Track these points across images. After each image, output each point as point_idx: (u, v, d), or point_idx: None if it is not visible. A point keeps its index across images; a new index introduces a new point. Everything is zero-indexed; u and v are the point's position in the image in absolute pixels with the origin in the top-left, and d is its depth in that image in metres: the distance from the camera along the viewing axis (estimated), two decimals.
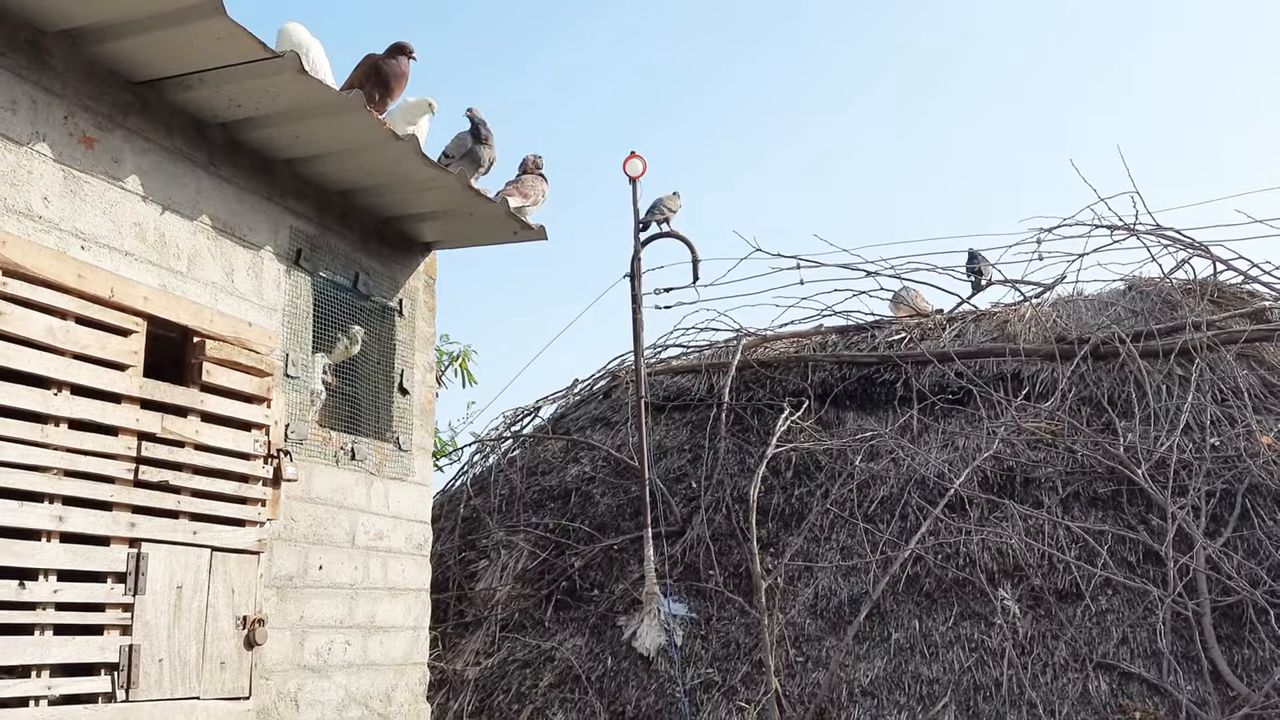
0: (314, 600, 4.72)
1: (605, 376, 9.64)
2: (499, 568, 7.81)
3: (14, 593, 3.33)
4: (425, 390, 5.68)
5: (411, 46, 4.70)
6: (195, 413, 4.08)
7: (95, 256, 3.79)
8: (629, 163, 7.63)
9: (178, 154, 4.20)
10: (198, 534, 4.04)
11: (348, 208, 5.15)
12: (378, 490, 5.21)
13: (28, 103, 3.61)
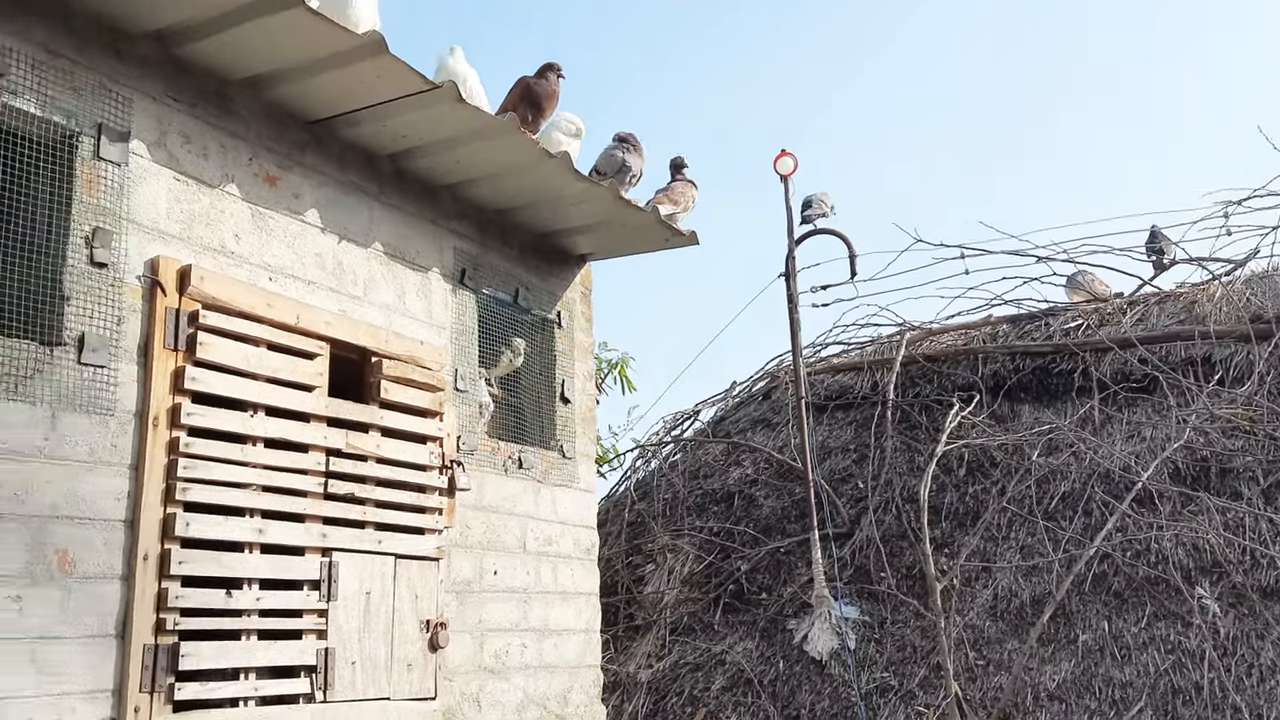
0: (490, 604, 4.91)
1: (764, 378, 9.62)
2: (665, 571, 7.89)
3: (222, 601, 3.61)
4: (586, 399, 5.82)
5: (559, 66, 4.84)
6: (376, 428, 4.31)
7: (282, 286, 4.06)
8: (779, 160, 7.59)
9: (351, 186, 4.46)
10: (382, 542, 4.27)
11: (506, 226, 5.33)
12: (545, 497, 5.37)
13: (217, 148, 3.92)
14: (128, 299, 3.52)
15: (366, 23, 4.09)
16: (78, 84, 3.46)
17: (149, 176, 3.65)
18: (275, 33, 3.66)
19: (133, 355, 3.51)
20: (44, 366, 3.25)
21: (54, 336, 3.31)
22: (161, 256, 3.62)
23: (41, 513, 3.17)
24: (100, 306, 3.43)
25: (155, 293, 3.58)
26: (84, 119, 3.46)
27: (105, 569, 3.31)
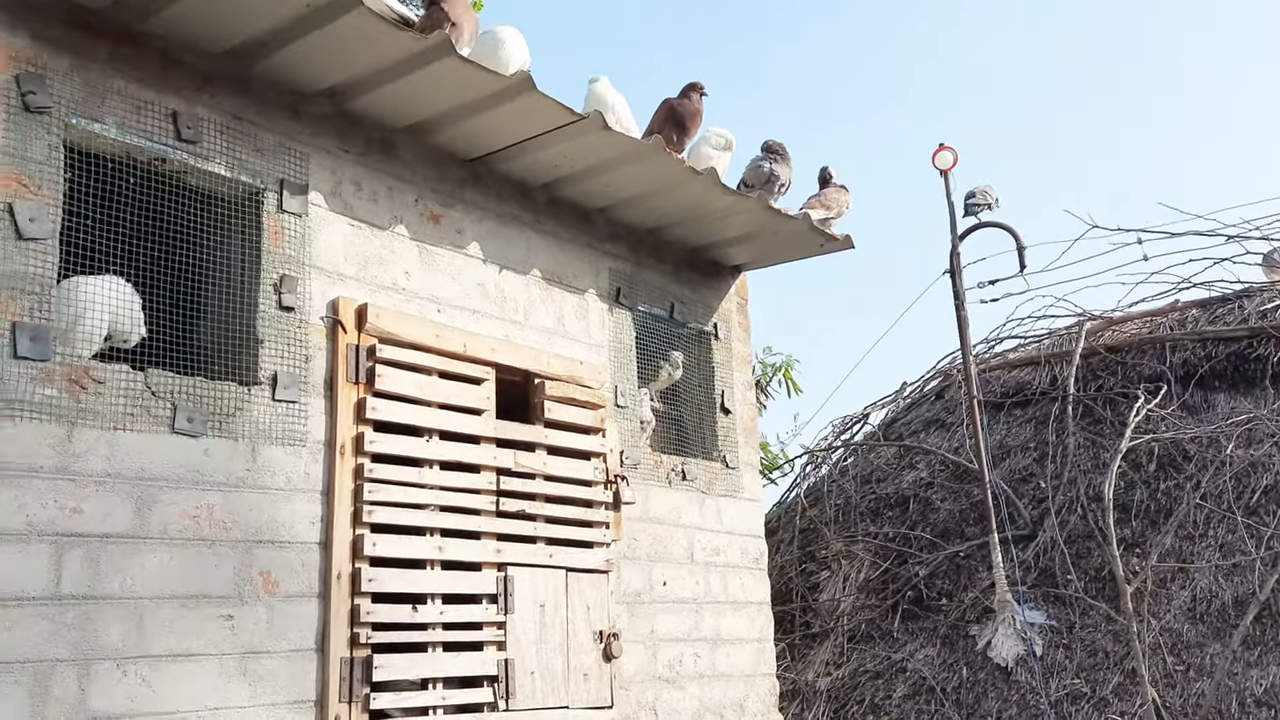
0: (661, 615, 5.02)
1: (936, 376, 9.38)
2: (841, 578, 7.82)
3: (408, 615, 3.86)
4: (746, 408, 5.86)
5: (703, 84, 4.92)
6: (541, 447, 4.50)
7: (448, 317, 4.31)
8: (938, 155, 7.42)
9: (509, 217, 4.68)
10: (553, 556, 4.45)
11: (658, 243, 5.46)
12: (710, 508, 5.44)
13: (385, 192, 4.20)
14: (313, 338, 3.82)
15: (517, 61, 4.29)
16: (261, 145, 3.79)
17: (327, 224, 3.95)
18: (432, 82, 3.90)
19: (320, 390, 3.81)
20: (244, 404, 3.58)
21: (251, 376, 3.64)
22: (341, 297, 3.92)
23: (247, 538, 3.49)
24: (289, 347, 3.74)
25: (337, 331, 3.88)
26: (268, 176, 3.79)
27: (304, 588, 3.61)
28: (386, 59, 3.77)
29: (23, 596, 2.93)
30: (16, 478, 2.99)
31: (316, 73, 3.82)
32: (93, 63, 3.37)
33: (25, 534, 2.98)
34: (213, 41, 3.59)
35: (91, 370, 3.21)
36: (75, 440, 3.13)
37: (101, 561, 3.12)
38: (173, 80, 3.56)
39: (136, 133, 3.45)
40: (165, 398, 3.36)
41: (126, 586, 3.16)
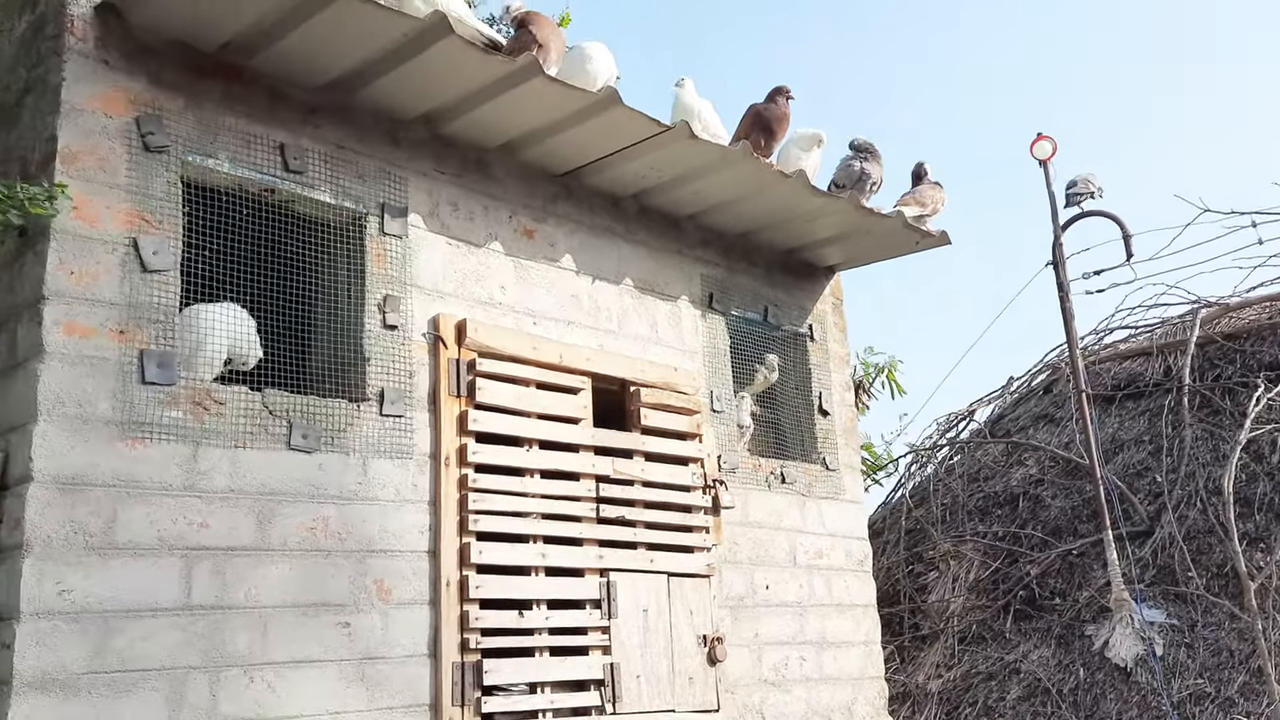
0: (765, 618, 5.03)
1: (1043, 370, 9.14)
2: (949, 579, 7.68)
3: (515, 621, 3.97)
4: (845, 410, 5.82)
5: (789, 88, 4.93)
6: (639, 454, 4.57)
7: (544, 329, 4.41)
8: (1036, 145, 7.23)
9: (599, 229, 4.77)
10: (654, 561, 4.51)
11: (749, 247, 5.47)
12: (811, 511, 5.43)
13: (480, 210, 4.33)
14: (416, 354, 3.97)
15: (603, 75, 4.38)
16: (362, 171, 3.96)
17: (426, 244, 4.10)
18: (523, 102, 4.01)
19: (424, 404, 3.95)
20: (354, 420, 3.74)
21: (359, 393, 3.80)
22: (441, 314, 4.05)
23: (360, 548, 3.64)
24: (394, 363, 3.89)
25: (438, 347, 4.01)
26: (369, 201, 3.95)
27: (415, 595, 3.75)
28: (478, 83, 3.89)
29: (157, 608, 3.13)
30: (148, 495, 3.19)
31: (412, 99, 3.97)
32: (205, 102, 3.57)
33: (157, 549, 3.17)
34: (314, 75, 3.77)
35: (213, 392, 3.41)
36: (200, 459, 3.32)
37: (228, 573, 3.30)
38: (279, 114, 3.75)
39: (247, 165, 3.64)
40: (281, 416, 3.54)
41: (251, 596, 3.33)
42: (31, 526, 2.96)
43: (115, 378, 3.19)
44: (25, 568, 2.92)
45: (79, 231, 3.21)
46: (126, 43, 3.42)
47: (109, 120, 3.34)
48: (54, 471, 3.02)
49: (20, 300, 3.22)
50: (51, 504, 3.00)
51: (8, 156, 3.51)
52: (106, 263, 3.25)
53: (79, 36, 3.34)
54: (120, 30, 3.42)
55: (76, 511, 3.04)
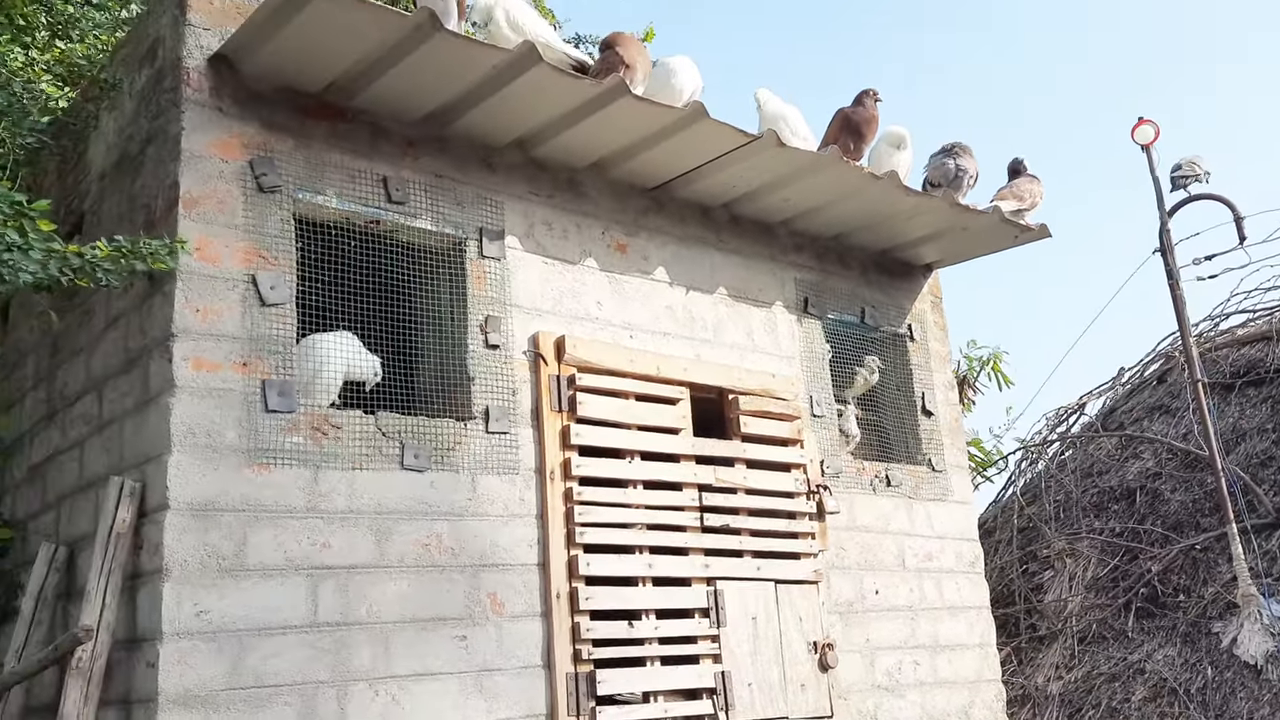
0: (876, 623, 4.99)
1: (1155, 360, 8.83)
2: (1066, 577, 7.48)
3: (625, 631, 4.04)
4: (949, 409, 5.74)
5: (876, 90, 4.90)
6: (740, 461, 4.60)
7: (640, 342, 4.48)
8: (1138, 129, 7.00)
9: (691, 239, 4.82)
10: (761, 569, 4.53)
11: (843, 249, 5.45)
12: (919, 513, 5.37)
13: (574, 228, 4.43)
14: (518, 372, 4.08)
15: (689, 88, 4.44)
16: (460, 198, 4.09)
17: (523, 265, 4.21)
18: (611, 121, 4.09)
19: (527, 420, 4.05)
20: (461, 438, 3.86)
21: (466, 412, 3.92)
22: (540, 331, 4.16)
23: (473, 563, 3.76)
24: (498, 381, 4.01)
25: (539, 364, 4.12)
26: (468, 226, 4.08)
27: (527, 608, 3.85)
28: (568, 106, 3.99)
29: (286, 626, 3.29)
30: (274, 518, 3.36)
31: (505, 126, 4.09)
32: (312, 141, 3.75)
33: (285, 569, 3.34)
34: (412, 109, 3.92)
35: (330, 418, 3.57)
36: (320, 481, 3.49)
37: (350, 590, 3.45)
38: (381, 148, 3.91)
39: (353, 199, 3.80)
40: (394, 437, 3.68)
41: (373, 612, 3.48)
42: (169, 551, 3.15)
43: (240, 408, 3.38)
44: (165, 591, 3.11)
45: (202, 271, 3.40)
46: (238, 90, 3.62)
47: (225, 164, 3.54)
48: (188, 499, 3.21)
49: (151, 339, 3.43)
50: (187, 530, 3.19)
51: (134, 204, 3.74)
52: (228, 299, 3.44)
53: (195, 87, 3.54)
54: (232, 79, 3.61)
55: (210, 536, 3.22)
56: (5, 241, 3.01)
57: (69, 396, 4.03)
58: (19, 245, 3.04)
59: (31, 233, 3.11)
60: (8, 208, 3.07)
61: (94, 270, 3.15)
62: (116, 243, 3.20)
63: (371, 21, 3.46)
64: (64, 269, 3.12)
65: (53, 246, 3.13)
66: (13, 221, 3.08)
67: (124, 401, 3.57)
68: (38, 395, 4.38)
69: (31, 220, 3.14)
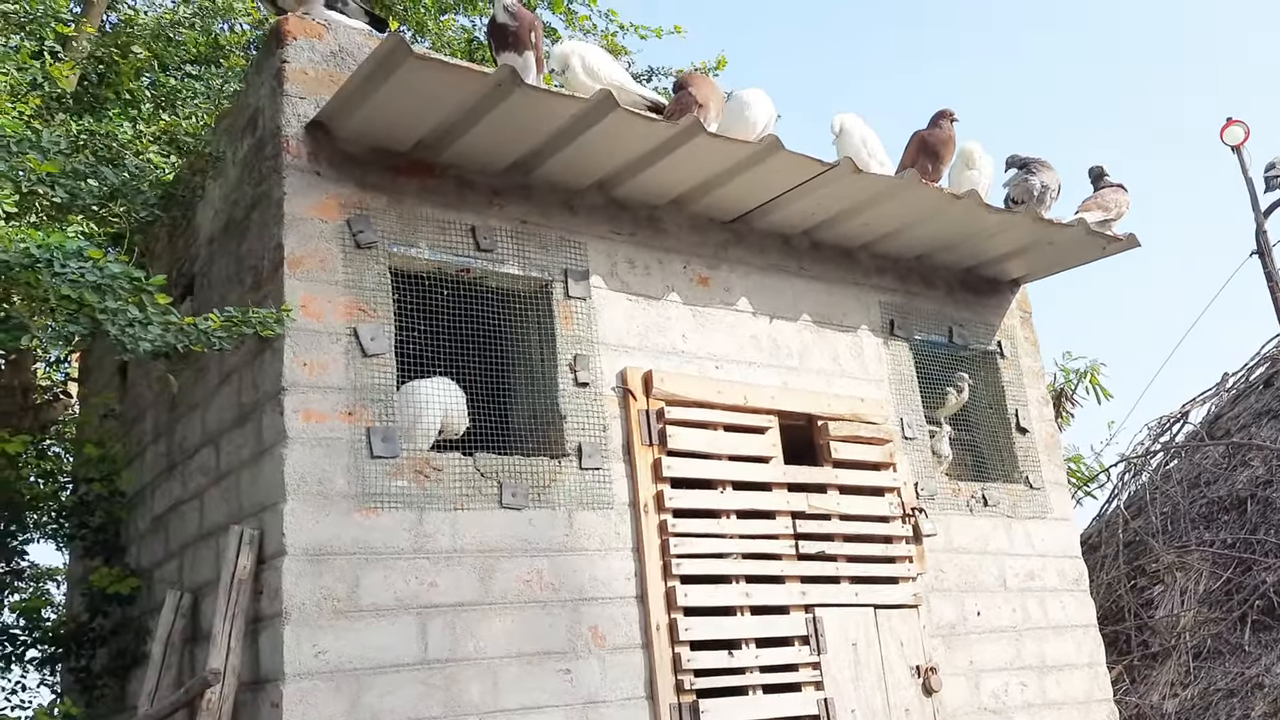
0: (979, 645, 4.93)
1: (1261, 363, 8.53)
2: (1177, 592, 7.25)
3: (725, 660, 4.07)
4: (1044, 425, 5.66)
5: (952, 111, 4.90)
6: (832, 487, 4.61)
7: (726, 372, 4.54)
8: (1227, 130, 6.85)
9: (772, 268, 4.87)
10: (859, 594, 4.52)
11: (927, 269, 5.44)
12: (1017, 532, 5.29)
13: (655, 264, 4.52)
14: (608, 408, 4.17)
15: (762, 120, 4.51)
16: (545, 241, 4.22)
17: (608, 303, 4.31)
18: (688, 159, 4.19)
19: (619, 455, 4.14)
20: (556, 476, 3.97)
21: (559, 449, 4.03)
22: (628, 367, 4.25)
23: (573, 597, 3.85)
24: (589, 418, 4.11)
25: (628, 399, 4.21)
26: (553, 268, 4.21)
27: (628, 640, 3.92)
28: (644, 147, 4.10)
29: (399, 664, 3.42)
30: (383, 560, 3.50)
31: (585, 170, 4.21)
32: (404, 197, 3.92)
33: (395, 608, 3.47)
34: (497, 161, 4.07)
35: (432, 460, 3.71)
36: (425, 522, 3.62)
37: (458, 627, 3.57)
38: (468, 199, 4.07)
39: (444, 250, 3.96)
40: (492, 477, 3.80)
41: (479, 648, 3.59)
42: (288, 595, 3.31)
43: (348, 455, 3.54)
44: (286, 633, 3.27)
45: (308, 327, 3.59)
46: (334, 154, 3.82)
47: (324, 225, 3.73)
48: (303, 544, 3.38)
49: (263, 393, 3.62)
50: (303, 574, 3.35)
51: (241, 265, 3.96)
52: (333, 352, 3.61)
53: (294, 154, 3.75)
54: (328, 143, 3.81)
55: (324, 579, 3.38)
56: (127, 316, 3.23)
57: (188, 449, 4.26)
58: (139, 320, 3.26)
59: (150, 306, 3.33)
60: (128, 283, 3.29)
61: (208, 338, 3.35)
62: (228, 313, 3.40)
63: (456, 82, 3.62)
64: (180, 338, 3.33)
65: (170, 319, 3.35)
66: (133, 297, 3.30)
67: (240, 453, 3.76)
68: (158, 449, 4.63)
69: (150, 294, 3.36)
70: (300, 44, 3.90)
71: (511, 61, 3.76)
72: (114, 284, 3.30)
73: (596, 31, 8.42)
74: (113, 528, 4.79)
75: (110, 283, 3.29)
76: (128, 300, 3.28)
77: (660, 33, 8.72)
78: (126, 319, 3.26)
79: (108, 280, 3.29)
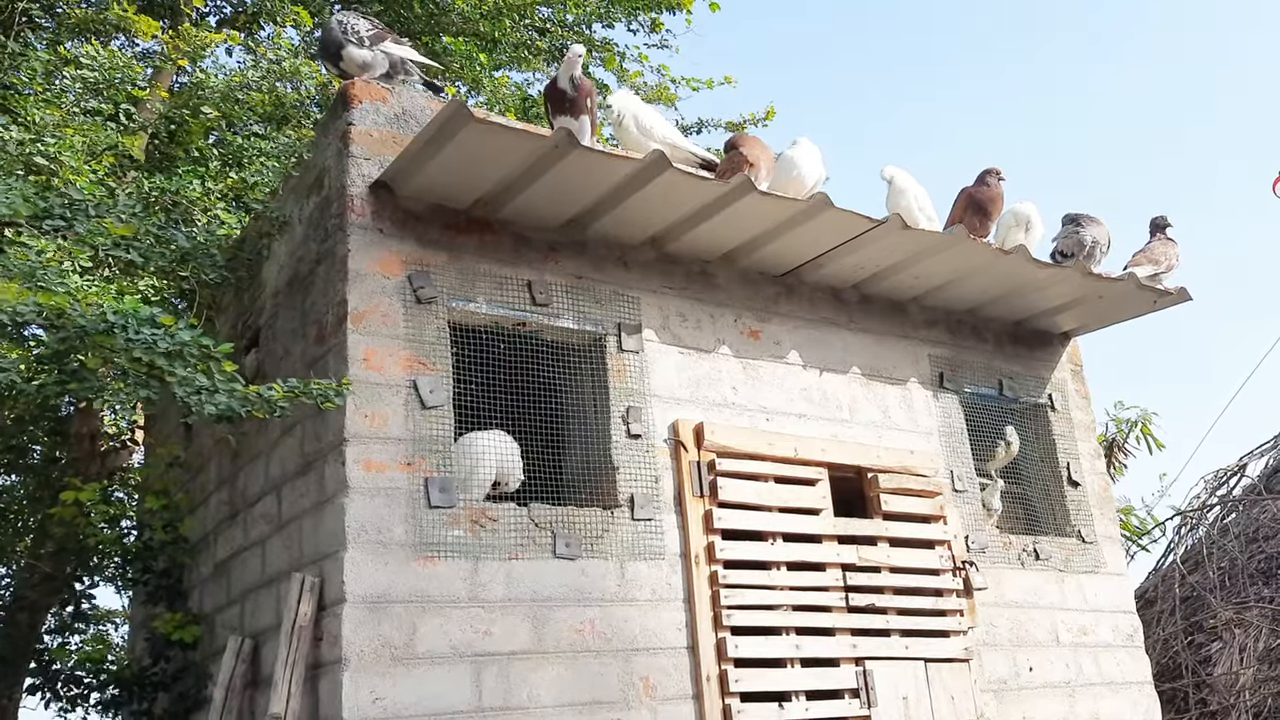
0: (1031, 700, 4.87)
1: None
2: (1236, 649, 7.09)
3: (776, 713, 4.08)
4: (1097, 478, 5.61)
5: (999, 169, 4.96)
6: (883, 540, 4.62)
7: (776, 425, 4.59)
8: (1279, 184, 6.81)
9: (822, 322, 4.93)
10: (909, 648, 4.51)
11: (976, 322, 5.46)
12: (1070, 586, 5.24)
13: (707, 318, 4.60)
14: (659, 459, 4.23)
15: (812, 176, 4.61)
16: (599, 296, 4.32)
17: (660, 356, 4.39)
18: (739, 216, 4.28)
19: (670, 506, 4.19)
20: (609, 526, 4.03)
21: (612, 500, 4.09)
22: (679, 419, 4.31)
23: (625, 647, 3.88)
24: (641, 470, 4.17)
25: (679, 451, 4.27)
26: (606, 323, 4.30)
27: (679, 690, 3.94)
28: (696, 205, 4.20)
29: (455, 711, 3.48)
30: (439, 608, 3.57)
31: (639, 227, 4.32)
32: (464, 253, 4.05)
33: (450, 656, 3.54)
34: (553, 218, 4.19)
35: (487, 510, 3.79)
36: (480, 571, 3.69)
37: (511, 676, 3.62)
38: (525, 255, 4.19)
39: (501, 304, 4.07)
40: (546, 527, 3.87)
41: (532, 697, 3.63)
42: (348, 643, 3.39)
43: (406, 504, 3.63)
44: (345, 679, 3.35)
45: (370, 379, 3.70)
46: (396, 212, 3.96)
47: (387, 280, 3.86)
48: (362, 592, 3.46)
49: (325, 444, 3.73)
50: (363, 622, 3.43)
51: (305, 319, 4.10)
52: (393, 404, 3.72)
53: (358, 212, 3.90)
54: (390, 202, 3.96)
55: (383, 627, 3.45)
56: (196, 384, 3.38)
57: (250, 498, 4.38)
58: (207, 388, 3.41)
59: (217, 374, 3.47)
60: (196, 350, 3.43)
61: (270, 406, 3.48)
62: (290, 384, 3.53)
63: (514, 144, 3.75)
64: (244, 405, 3.46)
65: (235, 387, 3.48)
66: (201, 364, 3.44)
67: (301, 502, 3.87)
68: (220, 497, 4.76)
69: (217, 362, 3.50)
70: (365, 107, 4.07)
71: (568, 125, 3.89)
72: (184, 351, 3.44)
73: (648, 87, 8.60)
74: (176, 573, 4.92)
75: (180, 349, 3.44)
76: (196, 368, 3.42)
77: (712, 84, 8.88)
78: (195, 386, 3.40)
79: (178, 346, 3.44)
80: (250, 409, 3.47)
